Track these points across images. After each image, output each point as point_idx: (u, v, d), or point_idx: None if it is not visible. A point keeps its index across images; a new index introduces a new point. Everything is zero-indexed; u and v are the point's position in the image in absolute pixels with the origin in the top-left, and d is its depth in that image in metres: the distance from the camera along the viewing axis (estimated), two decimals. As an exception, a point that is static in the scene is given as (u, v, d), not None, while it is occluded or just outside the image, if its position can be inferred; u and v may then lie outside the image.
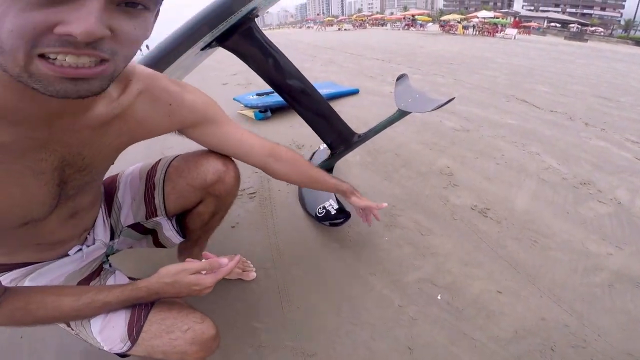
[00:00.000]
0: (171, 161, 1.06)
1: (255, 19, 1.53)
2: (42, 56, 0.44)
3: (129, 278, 0.95)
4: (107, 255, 1.02)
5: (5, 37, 0.42)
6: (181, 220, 1.15)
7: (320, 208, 1.76)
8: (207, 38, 1.31)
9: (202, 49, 1.52)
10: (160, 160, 1.08)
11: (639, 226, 1.81)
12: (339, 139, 1.73)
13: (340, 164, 2.22)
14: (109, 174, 1.06)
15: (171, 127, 0.88)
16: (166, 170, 1.04)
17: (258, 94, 3.79)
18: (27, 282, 0.79)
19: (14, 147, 0.56)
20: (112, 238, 1.02)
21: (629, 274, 1.50)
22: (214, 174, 1.03)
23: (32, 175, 0.60)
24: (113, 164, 0.85)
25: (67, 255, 0.86)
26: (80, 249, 0.89)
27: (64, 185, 0.68)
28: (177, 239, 1.13)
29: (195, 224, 1.15)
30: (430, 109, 1.41)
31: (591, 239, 1.70)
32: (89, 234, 0.94)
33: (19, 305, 0.66)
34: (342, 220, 1.67)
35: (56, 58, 0.44)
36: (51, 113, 0.58)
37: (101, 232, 0.97)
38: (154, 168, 1.06)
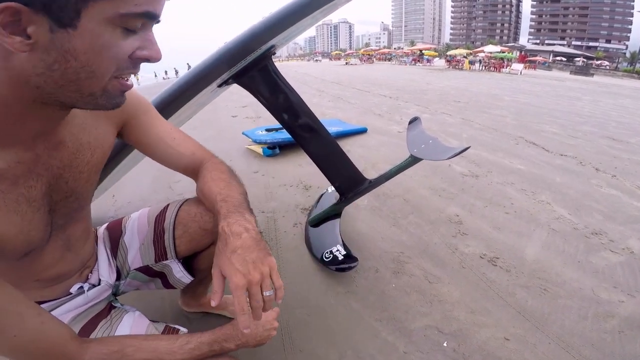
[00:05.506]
0: (181, 205, 1.05)
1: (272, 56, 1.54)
2: (116, 76, 0.56)
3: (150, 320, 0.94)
4: (115, 295, 1.02)
5: (106, 64, 0.53)
6: (188, 259, 1.13)
7: (327, 252, 1.74)
8: (225, 75, 1.34)
9: (219, 86, 1.54)
10: (168, 205, 1.08)
11: (651, 274, 1.77)
12: (349, 183, 1.70)
13: (349, 208, 2.21)
14: (114, 218, 1.07)
15: (118, 126, 0.86)
16: (176, 214, 1.03)
17: (267, 130, 3.76)
18: None
19: (7, 174, 0.59)
20: (118, 279, 1.01)
21: (641, 320, 1.47)
22: None
23: (26, 202, 0.62)
24: (96, 188, 0.86)
25: (70, 294, 0.86)
26: (82, 287, 0.88)
27: (53, 214, 0.70)
28: (187, 279, 1.11)
29: (205, 264, 1.13)
30: (444, 157, 1.39)
31: (602, 287, 1.67)
32: (91, 272, 0.93)
33: (114, 349, 0.68)
34: (349, 266, 1.66)
35: (125, 77, 0.58)
36: (35, 132, 0.62)
37: (106, 273, 0.96)
38: (162, 214, 1.05)
